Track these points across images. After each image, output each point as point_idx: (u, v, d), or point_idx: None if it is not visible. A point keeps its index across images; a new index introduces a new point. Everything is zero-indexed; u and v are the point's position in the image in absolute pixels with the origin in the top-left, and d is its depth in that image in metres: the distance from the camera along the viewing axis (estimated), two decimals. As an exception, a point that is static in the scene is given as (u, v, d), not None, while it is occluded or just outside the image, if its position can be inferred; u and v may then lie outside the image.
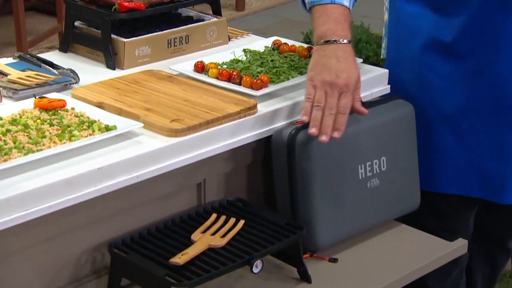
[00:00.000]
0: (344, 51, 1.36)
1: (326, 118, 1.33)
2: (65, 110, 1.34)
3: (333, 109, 1.33)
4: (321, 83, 1.34)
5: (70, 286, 1.25)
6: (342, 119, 1.33)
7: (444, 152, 1.58)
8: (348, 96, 1.34)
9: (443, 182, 1.60)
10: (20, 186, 1.12)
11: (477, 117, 1.55)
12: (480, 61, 1.51)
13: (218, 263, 1.22)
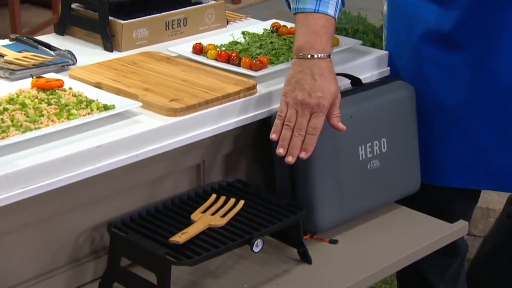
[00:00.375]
0: (320, 68, 1.32)
1: (294, 138, 1.31)
2: (62, 90, 1.33)
3: (302, 129, 1.30)
4: (293, 101, 1.32)
5: (68, 266, 1.24)
6: (311, 140, 1.31)
7: (448, 145, 1.56)
8: (319, 116, 1.31)
9: (449, 176, 1.58)
10: (18, 163, 1.11)
11: (479, 108, 1.52)
12: (481, 50, 1.50)
13: (218, 242, 1.21)
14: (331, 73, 1.33)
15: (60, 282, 1.23)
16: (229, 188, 1.39)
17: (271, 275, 1.31)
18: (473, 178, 1.57)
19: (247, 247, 1.31)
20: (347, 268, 1.34)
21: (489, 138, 1.54)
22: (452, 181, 1.58)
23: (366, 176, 1.45)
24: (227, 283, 1.28)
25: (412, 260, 1.40)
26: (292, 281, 1.30)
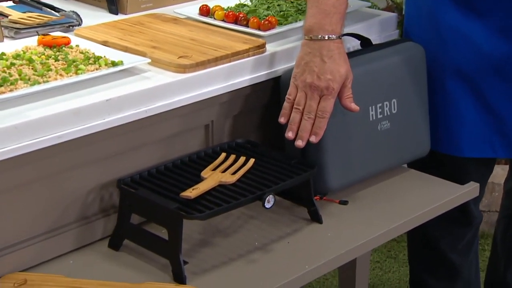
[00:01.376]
0: (329, 49, 1.31)
1: (304, 122, 1.31)
2: (69, 47, 1.33)
3: (311, 112, 1.30)
4: (302, 84, 1.31)
5: (78, 224, 1.24)
6: (321, 123, 1.30)
7: (465, 114, 1.56)
8: (329, 99, 1.30)
9: (467, 145, 1.57)
10: (28, 114, 1.12)
11: (497, 76, 1.51)
12: (501, 19, 1.48)
13: (229, 198, 1.21)
14: (341, 54, 1.32)
15: (69, 238, 1.23)
16: (238, 148, 1.39)
17: (282, 234, 1.32)
18: (490, 146, 1.57)
19: (258, 207, 1.32)
20: (357, 228, 1.34)
21: (507, 106, 1.53)
22: (468, 151, 1.58)
23: (376, 137, 1.45)
24: (237, 242, 1.29)
25: (423, 221, 1.41)
26: (303, 239, 1.30)
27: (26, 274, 1.16)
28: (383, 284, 2.27)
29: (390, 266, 2.37)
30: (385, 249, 2.45)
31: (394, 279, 2.31)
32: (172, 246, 1.17)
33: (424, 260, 1.80)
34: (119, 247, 1.25)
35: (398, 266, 2.37)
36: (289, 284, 1.19)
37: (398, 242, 2.50)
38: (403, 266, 2.36)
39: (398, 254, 2.43)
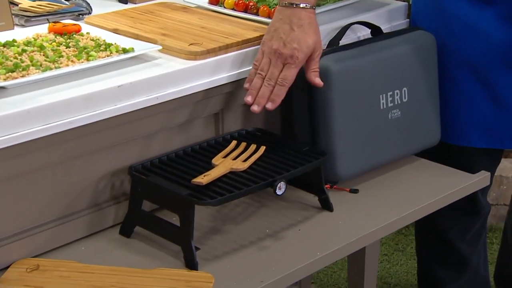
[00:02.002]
0: (299, 18, 1.30)
1: (263, 88, 1.30)
2: (80, 35, 1.33)
3: (272, 80, 1.30)
4: (268, 50, 1.31)
5: (89, 210, 1.25)
6: (279, 91, 1.30)
7: (473, 105, 1.55)
8: (292, 68, 1.29)
9: (475, 136, 1.57)
10: (40, 99, 1.12)
11: (505, 67, 1.50)
12: (507, 8, 1.47)
13: (240, 185, 1.22)
14: (311, 25, 1.31)
15: (81, 225, 1.24)
16: (249, 136, 1.39)
17: (293, 222, 1.32)
18: (497, 138, 1.57)
19: (269, 196, 1.34)
20: (368, 216, 1.34)
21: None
22: (476, 141, 1.58)
23: (387, 125, 1.45)
24: (248, 229, 1.29)
25: (434, 209, 1.41)
26: (314, 227, 1.31)
27: (39, 259, 1.17)
28: (391, 276, 2.27)
29: (398, 259, 2.37)
30: (393, 242, 2.45)
31: (402, 272, 2.31)
32: (184, 232, 1.17)
33: (432, 251, 1.80)
34: (130, 234, 1.25)
35: (406, 259, 2.37)
36: (300, 270, 1.19)
37: (405, 236, 2.51)
38: (410, 259, 2.37)
39: (405, 247, 2.43)
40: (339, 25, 1.48)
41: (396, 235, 2.51)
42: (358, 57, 1.39)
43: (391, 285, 2.24)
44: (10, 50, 1.24)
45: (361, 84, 1.39)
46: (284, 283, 1.18)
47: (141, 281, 1.12)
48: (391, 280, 2.27)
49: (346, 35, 1.48)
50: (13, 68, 1.15)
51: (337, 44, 1.43)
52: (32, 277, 1.11)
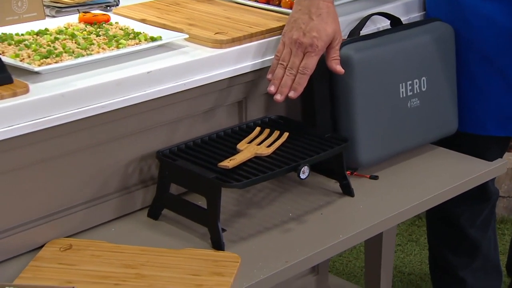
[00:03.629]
0: (318, 7, 1.30)
1: (285, 77, 1.30)
2: (109, 24, 1.34)
3: (293, 69, 1.30)
4: (289, 41, 1.31)
5: (118, 194, 1.25)
6: (301, 79, 1.30)
7: (489, 94, 1.54)
8: (312, 56, 1.29)
9: (491, 125, 1.56)
10: (73, 84, 1.12)
11: None
12: None
13: (265, 169, 1.22)
14: (330, 14, 1.31)
15: (111, 207, 1.24)
16: (271, 124, 1.39)
17: (315, 206, 1.32)
18: None
19: (291, 182, 1.34)
20: (388, 202, 1.34)
21: None
22: (493, 130, 1.57)
23: (406, 114, 1.45)
24: (272, 213, 1.29)
25: (452, 195, 1.40)
26: (335, 211, 1.30)
27: (71, 239, 1.18)
28: (405, 266, 2.27)
29: (412, 249, 2.36)
30: (407, 233, 2.45)
31: (415, 261, 2.30)
32: (211, 214, 1.17)
33: (443, 238, 1.80)
34: (158, 216, 1.26)
35: (419, 249, 2.37)
36: (323, 252, 1.19)
37: (419, 227, 2.50)
38: (424, 249, 2.36)
39: (419, 238, 2.43)
40: (359, 16, 1.48)
41: (410, 226, 2.50)
42: (378, 47, 1.39)
43: (405, 274, 2.24)
44: (43, 38, 1.25)
45: (381, 73, 1.39)
46: (308, 264, 1.18)
47: (170, 260, 1.12)
48: (405, 269, 2.27)
49: (366, 26, 1.47)
50: (47, 55, 1.16)
51: (358, 34, 1.43)
52: (66, 256, 1.12)
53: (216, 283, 1.07)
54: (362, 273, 2.24)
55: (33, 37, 1.25)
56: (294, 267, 1.14)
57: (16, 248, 1.13)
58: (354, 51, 1.35)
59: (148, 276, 1.08)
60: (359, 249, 2.40)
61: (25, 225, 1.14)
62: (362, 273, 2.25)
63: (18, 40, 1.22)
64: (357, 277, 2.21)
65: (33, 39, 1.24)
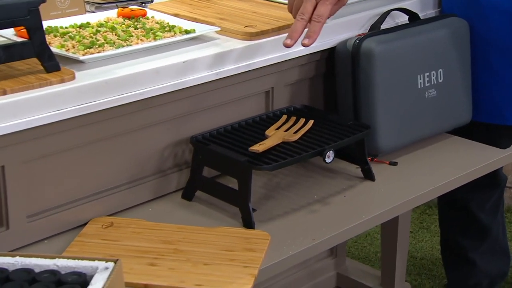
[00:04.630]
0: None
1: (296, 22, 1.25)
2: (146, 18, 1.36)
3: (305, 14, 1.24)
4: None
5: (155, 176, 1.27)
6: (315, 27, 1.25)
7: (508, 85, 1.54)
8: (326, 4, 1.24)
9: (509, 113, 1.56)
10: (115, 72, 1.14)
11: None
12: None
13: (293, 153, 1.23)
14: None
15: (147, 189, 1.26)
16: (296, 112, 1.40)
17: (338, 189, 1.33)
18: None
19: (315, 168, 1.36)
20: (407, 186, 1.35)
21: None
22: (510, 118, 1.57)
23: (423, 104, 1.45)
24: (297, 196, 1.30)
25: (467, 180, 1.41)
26: (358, 194, 1.32)
27: (112, 218, 1.20)
28: (417, 251, 2.27)
29: (423, 236, 2.37)
30: (418, 221, 2.45)
31: (427, 247, 2.31)
32: (242, 195, 1.19)
33: (455, 222, 1.80)
34: (191, 197, 1.27)
35: (430, 236, 2.37)
36: (348, 231, 1.20)
37: (429, 215, 2.50)
38: (435, 236, 2.36)
39: (430, 225, 2.43)
40: (379, 11, 1.49)
41: (421, 215, 2.51)
42: (398, 40, 1.40)
43: (417, 258, 2.24)
44: (85, 31, 1.27)
45: (401, 64, 1.40)
46: (334, 242, 1.20)
47: (205, 237, 1.14)
48: (417, 254, 2.27)
49: (385, 21, 1.48)
50: (90, 45, 1.18)
51: (379, 28, 1.44)
52: (108, 233, 1.14)
53: (249, 258, 1.08)
54: (376, 257, 2.25)
55: (76, 29, 1.27)
56: (320, 245, 1.16)
57: (62, 225, 1.15)
58: (376, 44, 1.36)
59: (185, 251, 1.10)
60: (373, 236, 2.41)
61: (70, 204, 1.17)
62: (377, 257, 2.26)
63: (62, 32, 1.24)
64: (372, 261, 2.22)
65: (76, 31, 1.26)
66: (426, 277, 2.17)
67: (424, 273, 2.20)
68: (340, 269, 1.83)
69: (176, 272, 1.04)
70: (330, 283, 1.81)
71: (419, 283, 2.13)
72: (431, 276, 2.18)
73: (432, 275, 2.18)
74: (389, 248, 1.74)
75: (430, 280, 2.15)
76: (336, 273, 1.82)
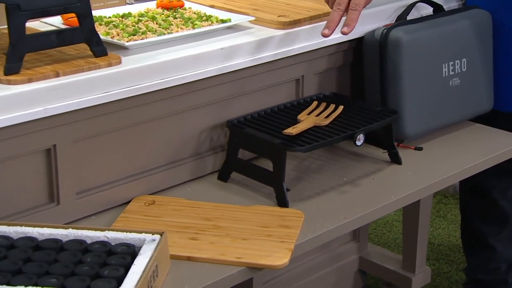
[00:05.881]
0: None
1: (332, 12, 1.25)
2: (183, 9, 1.36)
3: (341, 4, 1.24)
4: None
5: (192, 158, 1.28)
6: (353, 15, 1.24)
7: None
8: None
9: None
10: (157, 57, 1.15)
11: None
12: None
13: (325, 136, 1.23)
14: None
15: (186, 170, 1.26)
16: (326, 99, 1.40)
17: (367, 172, 1.32)
18: None
19: (343, 152, 1.36)
20: (432, 170, 1.34)
21: None
22: None
23: (448, 92, 1.44)
24: (328, 178, 1.30)
25: (489, 165, 1.40)
26: (385, 176, 1.31)
27: (154, 196, 1.20)
28: (434, 238, 2.27)
29: (440, 224, 2.36)
30: (434, 210, 2.44)
31: (444, 234, 2.30)
32: (276, 175, 1.19)
33: (476, 208, 1.78)
34: (227, 179, 1.28)
35: (447, 224, 2.36)
36: (377, 210, 1.20)
37: (445, 205, 2.50)
38: (451, 224, 2.36)
39: (446, 214, 2.42)
40: (405, 3, 1.48)
41: (437, 204, 2.50)
42: (424, 30, 1.39)
43: (435, 245, 2.24)
44: (128, 20, 1.28)
45: (426, 53, 1.39)
46: (364, 221, 1.19)
47: (242, 215, 1.14)
48: (435, 241, 2.27)
49: (410, 13, 1.47)
50: (133, 32, 1.19)
51: (405, 19, 1.44)
52: (150, 210, 1.15)
53: (284, 234, 1.08)
54: (395, 244, 2.25)
55: (119, 19, 1.28)
56: (352, 222, 1.15)
57: (108, 202, 1.16)
58: (403, 33, 1.35)
59: (224, 227, 1.10)
60: (391, 223, 2.41)
61: (115, 182, 1.17)
62: (395, 244, 2.26)
63: (107, 21, 1.25)
64: (391, 247, 2.21)
65: (119, 20, 1.27)
66: (444, 262, 2.16)
67: (442, 258, 2.19)
68: (362, 253, 1.83)
69: (217, 246, 1.05)
70: (352, 267, 1.81)
71: (437, 267, 2.12)
72: (449, 261, 2.17)
73: (450, 260, 2.18)
74: (411, 232, 1.73)
75: (448, 265, 2.15)
76: (358, 257, 1.82)
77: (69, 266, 0.89)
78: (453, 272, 2.08)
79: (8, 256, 0.90)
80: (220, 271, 1.01)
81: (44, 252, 0.91)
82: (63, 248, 0.94)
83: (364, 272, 1.87)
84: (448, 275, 2.07)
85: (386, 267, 1.82)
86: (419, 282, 1.75)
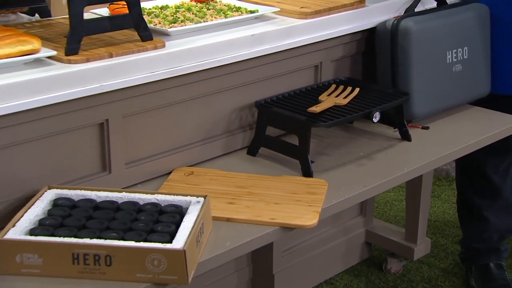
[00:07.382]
0: None
1: None
2: (215, 2, 1.38)
3: None
4: None
5: (224, 135, 1.30)
6: None
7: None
8: None
9: None
10: (196, 42, 1.17)
11: None
12: None
13: (345, 114, 1.25)
14: None
15: (218, 146, 1.29)
16: (342, 83, 1.42)
17: (380, 148, 1.35)
18: None
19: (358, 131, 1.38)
20: (438, 146, 1.37)
21: None
22: None
23: (451, 76, 1.47)
24: (346, 153, 1.33)
25: (491, 141, 1.42)
26: (397, 151, 1.33)
27: (192, 168, 1.23)
28: (430, 215, 2.28)
29: (435, 203, 2.38)
30: (430, 191, 2.47)
31: (438, 212, 2.32)
32: (302, 149, 1.21)
33: (471, 184, 1.80)
34: (256, 153, 1.30)
35: (441, 203, 2.38)
36: (393, 180, 1.23)
37: (439, 186, 2.51)
38: (445, 203, 2.38)
39: (440, 194, 2.44)
40: (412, -3, 1.52)
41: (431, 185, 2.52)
42: (431, 20, 1.41)
43: (431, 221, 2.26)
44: (167, 11, 1.30)
45: (433, 41, 1.41)
46: (382, 189, 1.22)
47: (272, 183, 1.17)
48: (430, 217, 2.29)
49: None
50: (174, 21, 1.21)
51: (413, 11, 1.46)
52: (190, 179, 1.17)
53: (311, 199, 1.11)
54: (395, 220, 2.26)
55: (158, 10, 1.30)
56: (371, 190, 1.18)
57: (152, 172, 1.18)
58: (413, 23, 1.38)
59: (257, 194, 1.12)
60: (391, 203, 2.43)
61: (159, 155, 1.20)
62: (396, 220, 2.27)
63: (148, 12, 1.28)
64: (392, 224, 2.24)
65: (159, 11, 1.29)
66: (440, 236, 2.19)
67: (438, 233, 2.21)
68: (368, 226, 1.85)
69: (252, 209, 1.07)
70: (360, 239, 1.83)
71: (434, 240, 2.14)
72: (444, 235, 2.20)
73: (445, 234, 2.20)
74: (413, 206, 1.76)
75: (443, 238, 2.17)
76: (365, 230, 1.84)
77: (126, 223, 0.91)
78: (449, 244, 2.11)
79: (72, 214, 0.93)
80: (257, 230, 1.04)
81: (103, 211, 0.93)
82: (119, 208, 0.96)
83: (369, 244, 1.90)
84: (444, 247, 2.09)
85: (390, 238, 1.84)
86: (421, 251, 1.78)
